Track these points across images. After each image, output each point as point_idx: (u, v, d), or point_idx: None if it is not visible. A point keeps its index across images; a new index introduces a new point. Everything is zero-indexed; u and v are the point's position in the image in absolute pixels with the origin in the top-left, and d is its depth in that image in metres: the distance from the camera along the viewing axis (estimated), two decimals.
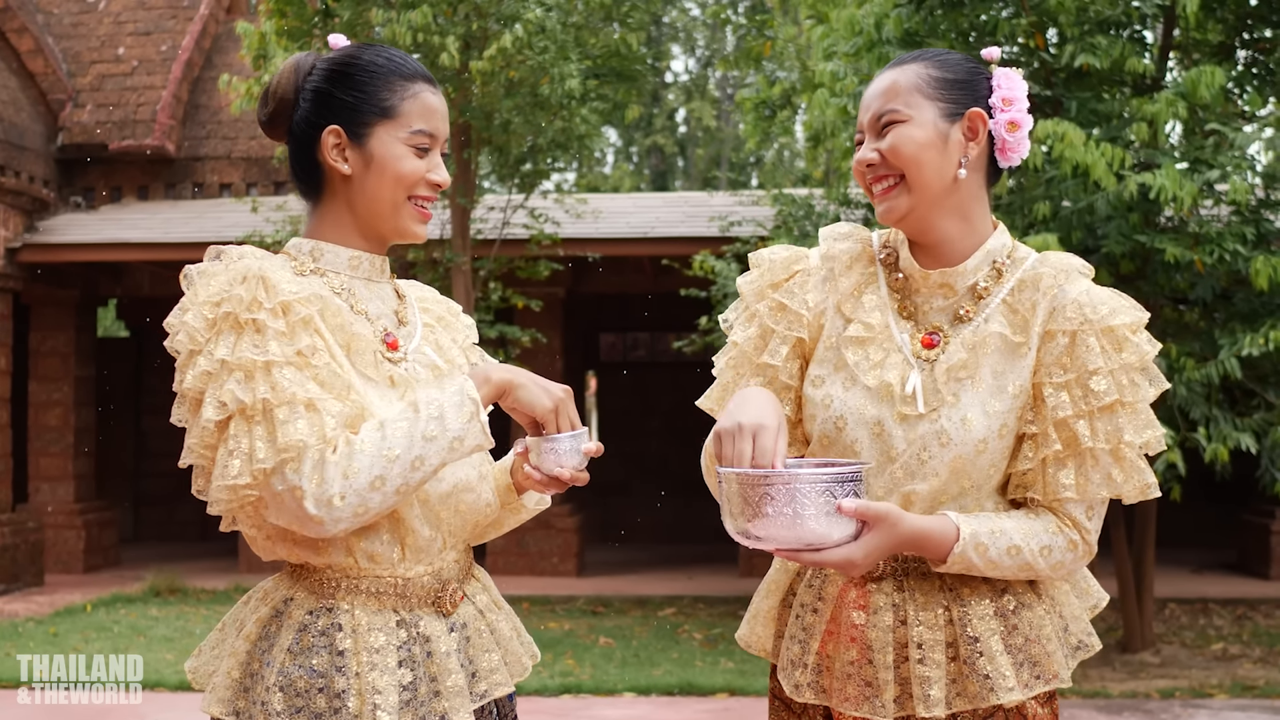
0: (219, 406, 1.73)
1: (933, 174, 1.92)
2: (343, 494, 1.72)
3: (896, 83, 1.95)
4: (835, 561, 1.79)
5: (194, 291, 1.79)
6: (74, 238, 11.06)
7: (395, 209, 1.92)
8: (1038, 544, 1.89)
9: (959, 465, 1.90)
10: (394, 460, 1.74)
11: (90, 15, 12.77)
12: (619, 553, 13.00)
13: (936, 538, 1.85)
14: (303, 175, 1.96)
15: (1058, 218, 6.69)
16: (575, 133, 9.51)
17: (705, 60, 25.70)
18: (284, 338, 1.75)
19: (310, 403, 1.73)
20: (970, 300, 1.97)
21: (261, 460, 1.71)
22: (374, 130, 1.89)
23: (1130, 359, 1.89)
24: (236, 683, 1.85)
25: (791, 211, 8.84)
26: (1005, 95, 1.95)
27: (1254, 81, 7.28)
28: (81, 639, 8.21)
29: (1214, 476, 7.64)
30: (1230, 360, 6.40)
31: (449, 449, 1.78)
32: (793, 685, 1.99)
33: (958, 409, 1.90)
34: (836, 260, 2.06)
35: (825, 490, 1.74)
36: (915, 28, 7.11)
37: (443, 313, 2.11)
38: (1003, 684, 1.87)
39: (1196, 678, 7.14)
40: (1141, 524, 7.80)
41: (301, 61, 1.95)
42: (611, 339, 14.89)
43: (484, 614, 1.98)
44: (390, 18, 8.56)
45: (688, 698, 6.83)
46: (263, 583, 1.96)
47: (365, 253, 1.96)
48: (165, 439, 15.05)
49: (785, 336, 2.02)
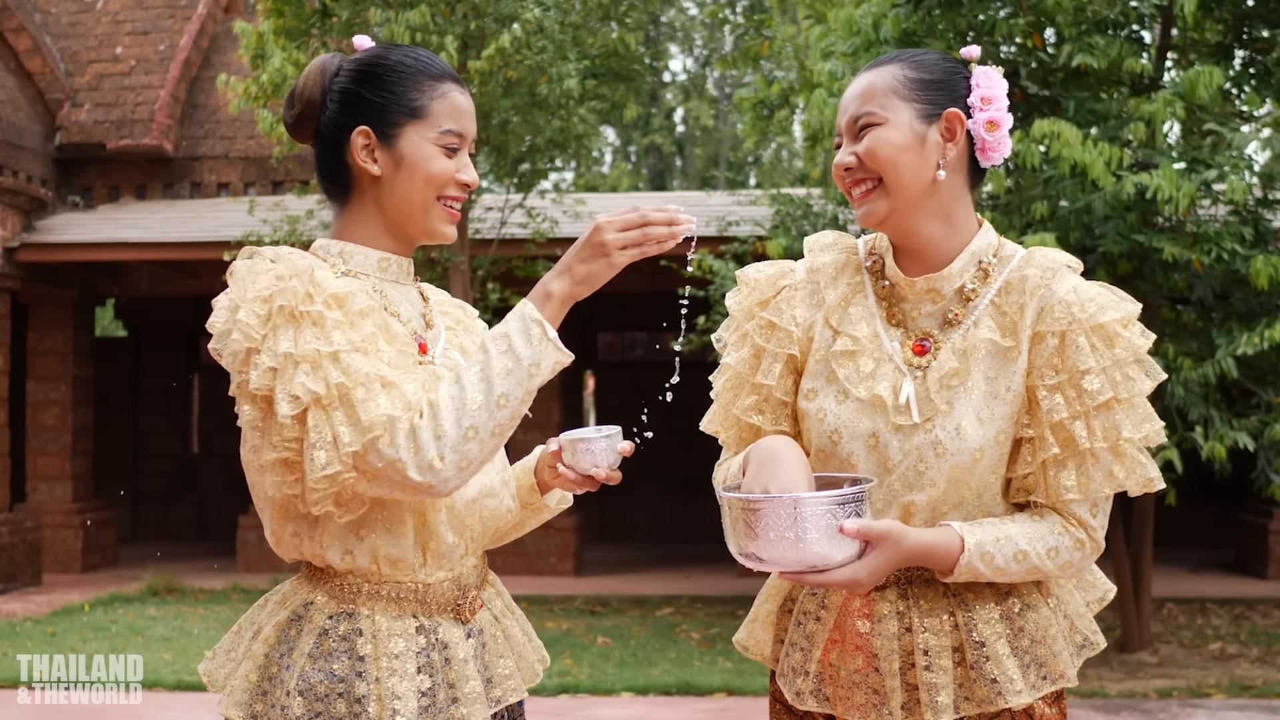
0: (292, 400, 1.70)
1: (910, 176, 1.91)
2: (440, 455, 1.70)
3: (873, 85, 1.94)
4: (840, 582, 1.78)
5: (241, 289, 1.76)
6: (72, 237, 11.06)
7: (425, 209, 1.91)
8: (1044, 546, 1.88)
9: (956, 475, 1.89)
10: (479, 406, 1.72)
11: (88, 14, 12.76)
12: (617, 552, 13.00)
13: (942, 551, 1.85)
14: (330, 176, 1.95)
15: (1055, 217, 6.69)
16: (573, 132, 9.52)
17: (703, 60, 25.70)
18: (344, 327, 1.74)
19: (385, 380, 1.72)
20: (958, 303, 1.95)
21: (348, 444, 1.69)
22: (403, 130, 1.88)
23: (1123, 354, 1.87)
24: (254, 686, 1.85)
25: (789, 211, 8.83)
26: (984, 94, 1.94)
27: (1252, 81, 7.29)
28: (79, 639, 8.21)
29: (1212, 476, 7.64)
30: (1227, 360, 6.40)
31: (528, 376, 1.75)
32: (794, 693, 1.99)
33: (951, 418, 1.89)
34: (822, 272, 2.05)
35: (827, 512, 1.74)
36: (913, 27, 7.11)
37: (460, 316, 2.10)
38: (1010, 687, 1.87)
39: (1194, 677, 7.14)
40: (1139, 523, 7.80)
41: (328, 63, 1.94)
42: (609, 338, 14.89)
43: (499, 620, 1.98)
44: (388, 17, 8.55)
45: (685, 697, 6.83)
46: (280, 586, 1.95)
47: (394, 255, 1.95)
48: (163, 438, 15.06)
49: (777, 355, 2.01)
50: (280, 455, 1.74)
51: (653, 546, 13.44)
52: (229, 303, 1.77)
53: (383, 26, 8.55)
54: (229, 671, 1.91)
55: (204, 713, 6.38)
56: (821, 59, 8.16)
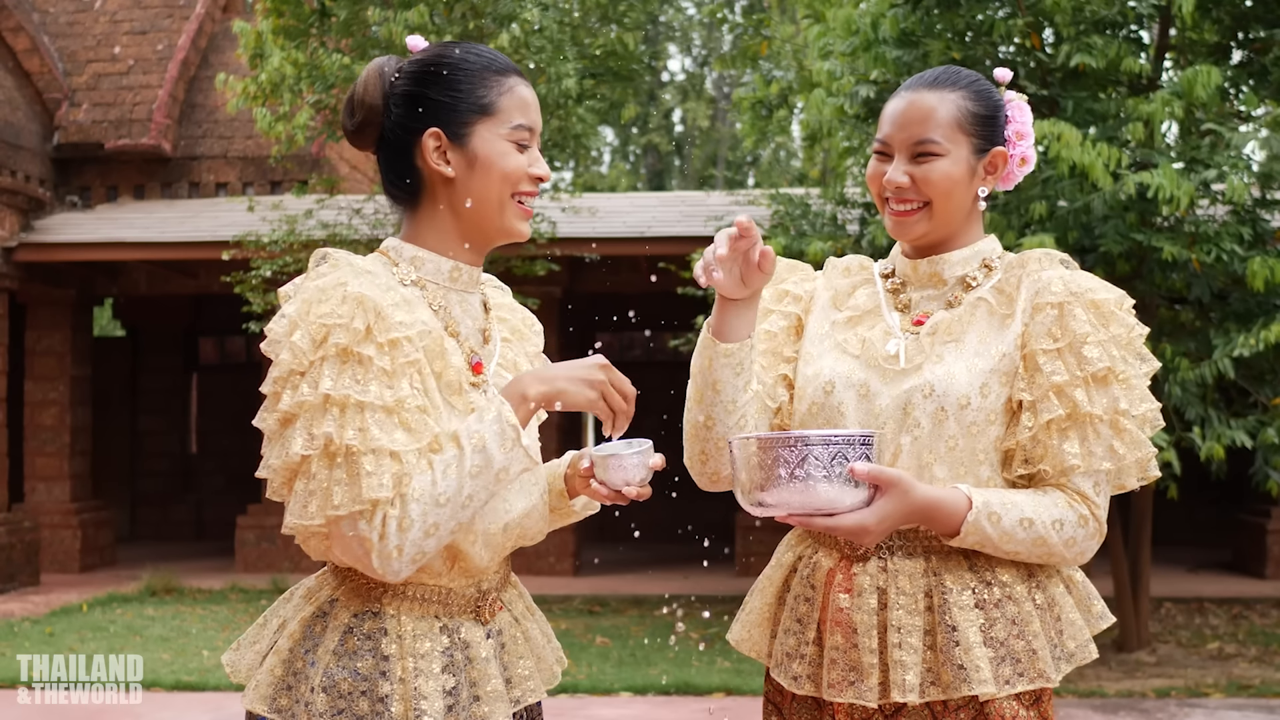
0: (308, 440, 1.72)
1: (956, 205, 2.00)
2: (399, 547, 1.72)
3: (937, 112, 1.99)
4: (848, 527, 1.80)
5: (305, 308, 1.75)
6: (70, 237, 11.06)
7: (501, 207, 1.88)
8: (1049, 517, 1.89)
9: (941, 419, 1.91)
10: (445, 504, 1.74)
11: (86, 14, 12.76)
12: (616, 552, 13.01)
13: (949, 507, 1.86)
14: (398, 182, 1.91)
15: (1054, 217, 6.69)
16: (572, 132, 9.53)
17: (702, 60, 25.71)
18: (385, 379, 1.74)
19: (395, 454, 1.73)
20: (960, 290, 2.02)
21: (336, 507, 1.71)
22: (475, 129, 1.85)
23: (1119, 332, 1.92)
24: (279, 680, 1.85)
25: (788, 211, 8.83)
26: (1018, 129, 2.04)
27: (1250, 81, 7.29)
28: (78, 639, 8.21)
29: (1210, 476, 7.64)
30: (1224, 360, 6.40)
31: (495, 480, 1.78)
32: (790, 677, 1.99)
33: (942, 365, 1.94)
34: (836, 268, 2.16)
35: (838, 453, 1.75)
36: (912, 27, 7.12)
37: (517, 323, 2.08)
38: (976, 675, 1.86)
39: (1192, 677, 7.14)
40: (1138, 523, 7.81)
41: (386, 65, 1.91)
42: (608, 338, 14.89)
43: (519, 621, 1.99)
44: (387, 17, 8.55)
45: (684, 697, 6.83)
46: (305, 580, 1.95)
47: (466, 264, 1.92)
48: (161, 438, 15.05)
49: (786, 314, 2.11)
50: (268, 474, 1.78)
51: (651, 546, 13.44)
52: (292, 318, 1.76)
53: (381, 26, 8.56)
54: (252, 663, 1.91)
55: (202, 712, 6.37)
56: (820, 58, 8.16)
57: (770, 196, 9.32)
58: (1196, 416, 6.60)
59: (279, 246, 9.44)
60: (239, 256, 9.78)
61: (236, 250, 9.76)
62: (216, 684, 6.87)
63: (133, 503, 14.90)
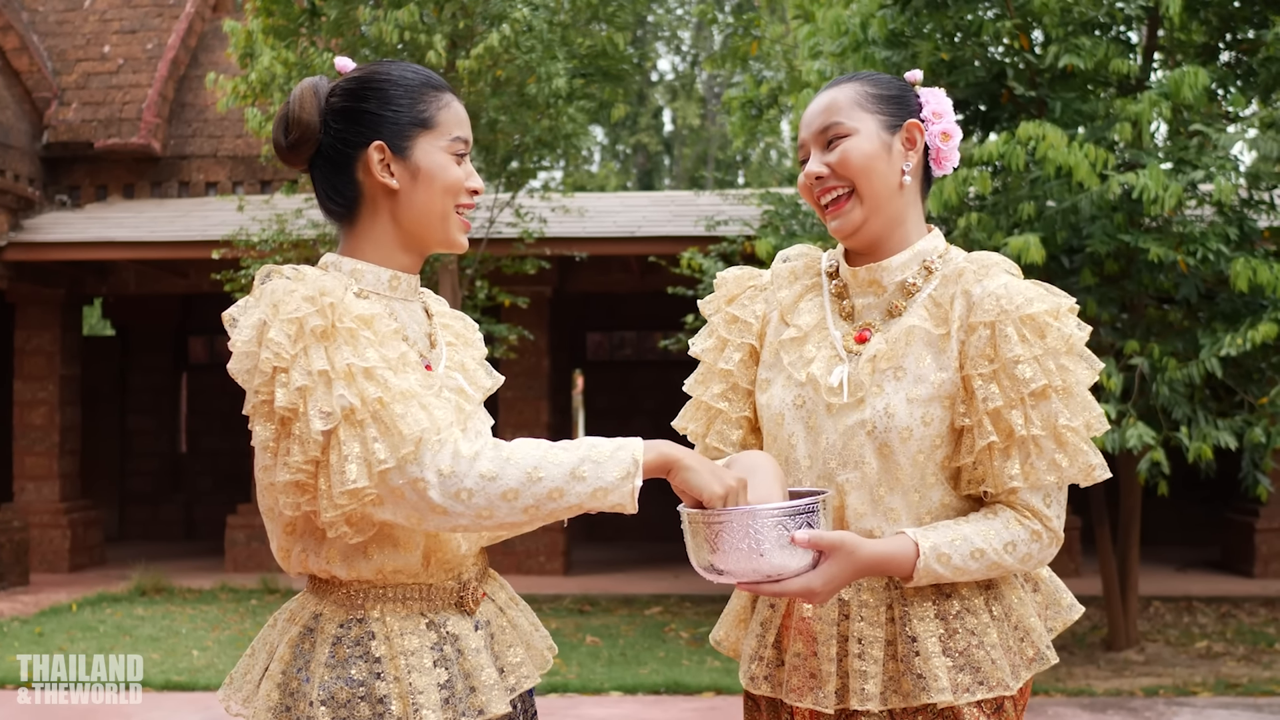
0: (324, 416, 1.70)
1: (880, 182, 2.01)
2: (473, 490, 1.70)
3: (836, 100, 2.04)
4: (795, 591, 1.84)
5: (271, 312, 1.75)
6: (59, 236, 11.03)
7: (444, 219, 1.93)
8: (1000, 542, 1.92)
9: (886, 454, 1.94)
10: (538, 481, 1.72)
11: (76, 13, 12.73)
12: (606, 551, 13.01)
13: (898, 558, 1.90)
14: (336, 197, 1.94)
15: (1042, 218, 6.71)
16: (562, 131, 9.52)
17: (691, 59, 25.72)
18: (376, 344, 1.75)
19: (423, 400, 1.74)
20: (901, 296, 2.04)
21: (383, 460, 1.69)
22: (416, 142, 1.90)
23: (1055, 344, 1.92)
24: (277, 704, 1.86)
25: (778, 210, 8.85)
26: (934, 109, 2.07)
27: (1237, 82, 7.32)
28: (67, 638, 8.19)
29: (1198, 475, 7.67)
30: (1212, 359, 6.43)
31: (591, 496, 1.74)
32: (749, 678, 2.07)
33: (881, 398, 1.96)
34: (782, 275, 2.17)
35: (778, 524, 1.80)
36: (900, 28, 7.13)
37: (460, 329, 2.12)
38: (935, 684, 1.91)
39: (1181, 676, 7.17)
40: (1126, 522, 7.83)
41: (319, 85, 1.94)
42: (598, 337, 14.90)
43: (504, 610, 2.02)
44: (377, 16, 8.55)
45: (674, 696, 6.85)
46: (287, 604, 1.97)
47: (404, 273, 1.96)
48: (151, 438, 15.03)
49: (739, 345, 2.14)
50: (292, 478, 1.74)
51: (641, 546, 13.45)
52: (258, 321, 1.75)
53: (371, 25, 8.55)
54: (247, 695, 1.92)
55: (192, 712, 6.37)
56: (810, 58, 8.18)
57: (760, 196, 9.34)
58: (1183, 416, 6.63)
59: (269, 246, 9.43)
60: (229, 256, 9.78)
61: (226, 249, 9.75)
62: (206, 684, 6.87)
63: (122, 502, 14.87)
